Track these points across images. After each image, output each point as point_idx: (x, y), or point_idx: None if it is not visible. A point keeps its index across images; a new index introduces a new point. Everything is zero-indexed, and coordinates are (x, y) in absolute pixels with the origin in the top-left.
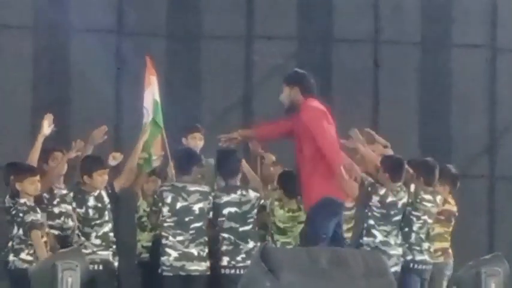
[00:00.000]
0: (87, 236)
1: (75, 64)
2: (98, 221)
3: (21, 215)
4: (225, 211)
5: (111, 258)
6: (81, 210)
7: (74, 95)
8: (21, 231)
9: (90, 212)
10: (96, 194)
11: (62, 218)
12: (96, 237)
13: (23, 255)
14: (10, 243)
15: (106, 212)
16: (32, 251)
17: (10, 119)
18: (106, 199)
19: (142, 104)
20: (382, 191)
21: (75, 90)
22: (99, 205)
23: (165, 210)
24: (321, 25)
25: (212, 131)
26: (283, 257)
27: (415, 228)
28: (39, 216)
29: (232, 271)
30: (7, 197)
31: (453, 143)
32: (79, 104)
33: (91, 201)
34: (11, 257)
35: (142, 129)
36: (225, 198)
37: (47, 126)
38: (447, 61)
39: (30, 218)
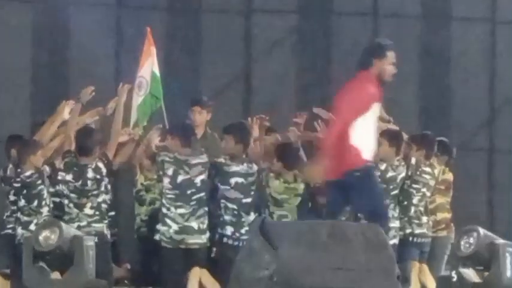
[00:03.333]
0: (81, 207)
1: (75, 38)
2: (95, 192)
3: (39, 183)
4: (232, 180)
5: (105, 231)
6: (78, 183)
7: (74, 68)
8: (35, 203)
9: (89, 183)
10: (93, 166)
11: (61, 185)
12: (91, 207)
13: (32, 227)
14: (11, 215)
15: (103, 183)
16: (40, 221)
17: (9, 93)
18: (104, 170)
19: (138, 72)
20: (382, 166)
21: (75, 64)
22: (98, 176)
23: (166, 181)
24: None
25: (212, 105)
26: (283, 230)
27: (414, 201)
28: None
29: (236, 243)
30: (10, 166)
31: (453, 116)
32: (79, 77)
33: (90, 173)
34: (20, 230)
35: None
36: (234, 168)
37: (68, 111)
38: (447, 34)
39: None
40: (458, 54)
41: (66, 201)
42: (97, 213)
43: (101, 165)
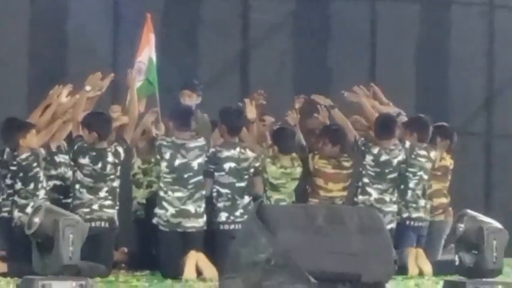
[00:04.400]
0: (96, 191)
1: (72, 22)
2: (112, 176)
3: (35, 165)
4: (226, 166)
5: (115, 217)
6: (97, 166)
7: (71, 53)
8: (32, 186)
9: (108, 167)
10: (113, 150)
11: (62, 168)
12: (106, 191)
13: (28, 210)
14: (7, 198)
15: (119, 168)
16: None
17: (7, 76)
18: (122, 154)
19: (136, 57)
20: (375, 150)
21: (73, 49)
22: (116, 161)
23: (163, 165)
24: None
25: (209, 89)
26: (280, 214)
27: (411, 185)
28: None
29: (232, 226)
30: (7, 150)
31: (450, 100)
32: (76, 62)
33: (110, 158)
34: (16, 213)
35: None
36: (226, 153)
37: (65, 95)
38: (445, 18)
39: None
40: (457, 37)
41: (77, 186)
42: (110, 197)
43: (120, 149)
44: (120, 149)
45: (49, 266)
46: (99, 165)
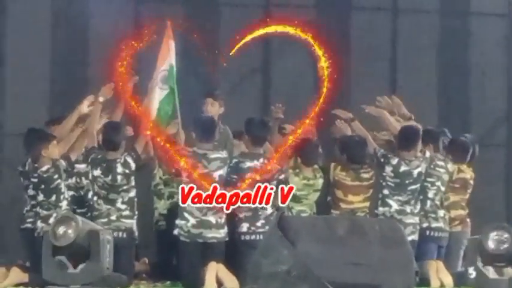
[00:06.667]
0: (113, 203)
1: (93, 30)
2: (125, 187)
3: (56, 177)
4: (247, 176)
5: (134, 227)
6: (108, 178)
7: (92, 60)
8: (54, 197)
9: (119, 178)
10: (122, 160)
11: (74, 178)
12: (123, 202)
13: (51, 221)
14: (30, 209)
15: (132, 178)
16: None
17: (28, 85)
18: (133, 164)
19: (159, 66)
20: (394, 161)
21: (94, 56)
22: (127, 171)
23: (184, 175)
24: None
25: (230, 99)
26: (300, 225)
27: (430, 195)
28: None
29: (253, 237)
30: (29, 161)
31: (471, 112)
32: (97, 69)
33: (119, 168)
34: (39, 224)
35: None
36: (248, 164)
37: (86, 105)
38: (465, 30)
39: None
40: (477, 49)
41: (95, 198)
42: (128, 208)
43: (129, 159)
44: (130, 159)
45: (81, 278)
46: (110, 177)
